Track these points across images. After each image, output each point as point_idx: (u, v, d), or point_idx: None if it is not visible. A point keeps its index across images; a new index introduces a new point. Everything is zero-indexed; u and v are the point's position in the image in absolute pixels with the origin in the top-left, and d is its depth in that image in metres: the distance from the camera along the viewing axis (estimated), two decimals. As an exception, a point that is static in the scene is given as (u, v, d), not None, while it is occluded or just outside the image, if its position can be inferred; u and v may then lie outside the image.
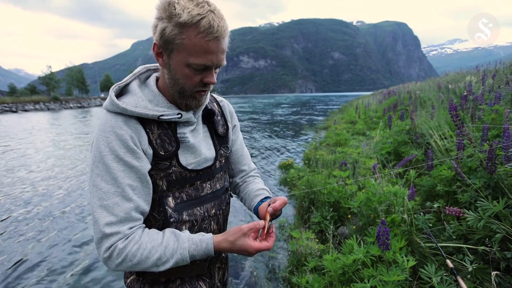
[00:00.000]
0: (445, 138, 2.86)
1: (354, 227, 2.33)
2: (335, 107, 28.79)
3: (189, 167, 0.80)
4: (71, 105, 40.13)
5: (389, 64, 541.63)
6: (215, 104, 0.96)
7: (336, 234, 2.57)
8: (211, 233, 0.77)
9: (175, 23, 0.65)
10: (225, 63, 0.74)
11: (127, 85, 0.80)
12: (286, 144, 9.50)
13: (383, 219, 1.27)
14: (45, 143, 10.33)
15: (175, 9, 0.64)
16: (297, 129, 13.54)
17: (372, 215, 2.01)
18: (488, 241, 1.30)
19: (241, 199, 1.03)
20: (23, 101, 34.55)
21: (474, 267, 1.24)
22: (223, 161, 0.93)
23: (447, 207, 1.56)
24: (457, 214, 1.51)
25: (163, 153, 0.75)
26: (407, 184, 2.42)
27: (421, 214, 1.81)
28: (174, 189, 0.78)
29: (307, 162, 5.57)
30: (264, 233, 0.77)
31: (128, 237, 0.69)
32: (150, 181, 0.74)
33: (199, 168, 0.83)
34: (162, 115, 0.74)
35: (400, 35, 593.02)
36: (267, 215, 0.80)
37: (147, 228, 0.75)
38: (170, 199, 0.78)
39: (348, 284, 1.57)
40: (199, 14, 0.64)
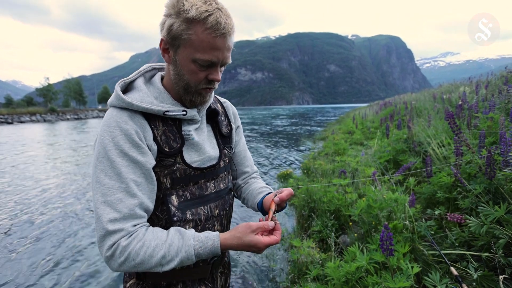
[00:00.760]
0: (443, 146, 2.89)
1: (355, 235, 2.30)
2: (332, 118, 29.11)
3: (194, 165, 0.80)
4: (68, 117, 40.08)
5: (384, 76, 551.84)
6: (218, 104, 0.96)
7: (337, 242, 2.54)
8: (217, 231, 0.75)
9: (183, 18, 0.67)
10: (230, 61, 0.75)
11: (132, 82, 0.80)
12: (284, 154, 9.50)
13: (386, 224, 1.25)
14: (35, 152, 10.24)
15: (183, 6, 0.66)
16: (296, 139, 13.58)
17: (373, 222, 1.99)
18: (493, 246, 1.28)
19: (243, 199, 1.02)
20: (19, 113, 34.46)
21: (479, 274, 1.21)
22: (227, 161, 0.92)
23: (448, 214, 1.55)
24: (459, 220, 1.50)
25: (167, 150, 0.75)
26: (407, 191, 2.41)
27: (423, 220, 1.80)
28: (178, 187, 0.77)
29: (306, 171, 5.56)
30: (268, 218, 0.75)
31: (131, 235, 0.66)
32: (154, 177, 0.73)
33: (203, 166, 0.82)
34: (167, 111, 0.74)
35: (394, 48, 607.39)
36: (272, 205, 0.78)
37: (151, 226, 0.73)
38: (173, 197, 0.77)
39: (351, 292, 1.53)
40: (207, 11, 0.66)
